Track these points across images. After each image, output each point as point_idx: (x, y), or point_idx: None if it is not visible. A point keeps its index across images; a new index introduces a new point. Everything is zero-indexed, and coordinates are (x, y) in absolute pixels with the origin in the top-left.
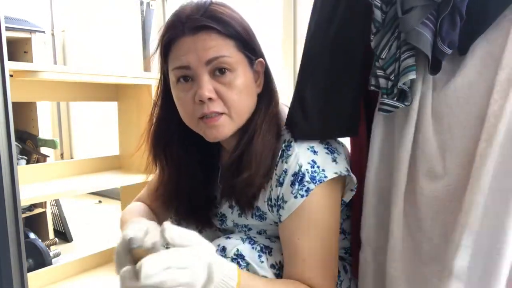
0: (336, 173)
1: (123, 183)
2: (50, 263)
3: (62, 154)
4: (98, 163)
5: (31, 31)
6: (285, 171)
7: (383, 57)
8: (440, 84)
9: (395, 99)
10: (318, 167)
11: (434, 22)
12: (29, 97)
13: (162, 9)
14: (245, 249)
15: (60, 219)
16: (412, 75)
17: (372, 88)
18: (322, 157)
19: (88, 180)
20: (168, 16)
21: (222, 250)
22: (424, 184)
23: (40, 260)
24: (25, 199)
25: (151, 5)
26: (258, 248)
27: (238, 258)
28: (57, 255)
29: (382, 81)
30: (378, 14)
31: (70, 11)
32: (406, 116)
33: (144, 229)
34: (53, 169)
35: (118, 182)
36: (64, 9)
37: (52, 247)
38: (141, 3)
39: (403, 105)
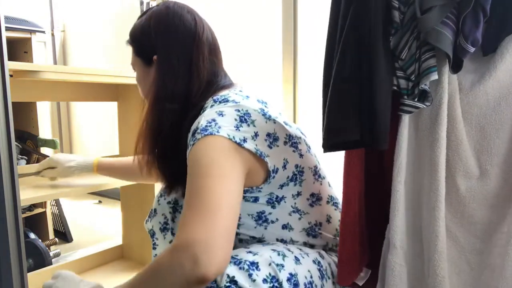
0: (228, 135)
1: (123, 183)
2: (50, 263)
3: None
4: None
5: (31, 31)
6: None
7: (403, 57)
8: (466, 85)
9: (416, 99)
10: (216, 123)
11: (454, 20)
12: (29, 97)
13: None
14: (234, 271)
15: (60, 219)
16: (434, 76)
17: (393, 88)
18: (227, 120)
19: (88, 180)
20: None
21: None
22: (460, 184)
23: (40, 260)
24: (25, 199)
25: (151, 5)
26: (246, 267)
27: (231, 284)
28: (57, 255)
29: (402, 82)
30: (396, 14)
31: (70, 11)
32: (436, 118)
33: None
34: None
35: (118, 182)
36: (64, 9)
37: (52, 247)
38: (141, 3)
39: (424, 106)
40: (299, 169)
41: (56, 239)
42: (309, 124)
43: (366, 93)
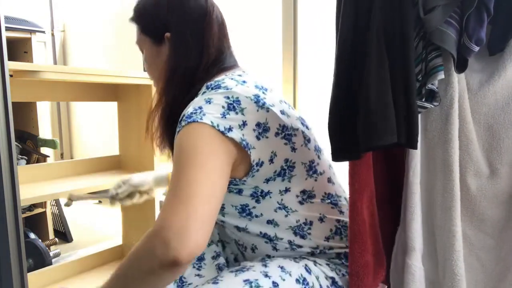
0: (212, 122)
1: None
2: (50, 263)
3: (62, 154)
4: (98, 163)
5: (31, 31)
6: None
7: None
8: (474, 84)
9: (423, 99)
10: (201, 111)
11: (458, 20)
12: (29, 97)
13: None
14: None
15: (60, 219)
16: (441, 75)
17: None
18: (213, 107)
19: (88, 180)
20: None
21: None
22: (470, 183)
23: (40, 260)
24: (25, 199)
25: None
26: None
27: None
28: (57, 255)
29: None
30: None
31: (70, 11)
32: (447, 118)
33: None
34: (53, 169)
35: None
36: (64, 9)
37: (52, 247)
38: None
39: (432, 106)
40: (289, 163)
41: (56, 239)
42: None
43: (402, 95)
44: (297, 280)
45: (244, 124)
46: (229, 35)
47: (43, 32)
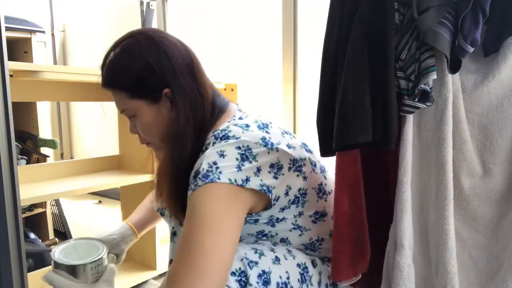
0: (230, 180)
1: (123, 183)
2: (50, 263)
3: (62, 154)
4: (98, 163)
5: (31, 31)
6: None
7: (403, 58)
8: (469, 85)
9: (416, 99)
10: (217, 168)
11: (452, 21)
12: (29, 97)
13: (162, 9)
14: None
15: (60, 219)
16: (433, 75)
17: None
18: (228, 161)
19: (88, 180)
20: (168, 16)
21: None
22: (464, 182)
23: (40, 260)
24: (25, 199)
25: (151, 5)
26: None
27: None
28: None
29: (402, 82)
30: (395, 16)
31: (70, 11)
32: (441, 118)
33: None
34: (53, 169)
35: (118, 182)
36: (64, 9)
37: (52, 247)
38: (141, 3)
39: (424, 106)
40: (302, 191)
41: (56, 239)
42: (309, 124)
43: (380, 95)
44: (298, 265)
45: (259, 170)
46: (230, 35)
47: (43, 32)
